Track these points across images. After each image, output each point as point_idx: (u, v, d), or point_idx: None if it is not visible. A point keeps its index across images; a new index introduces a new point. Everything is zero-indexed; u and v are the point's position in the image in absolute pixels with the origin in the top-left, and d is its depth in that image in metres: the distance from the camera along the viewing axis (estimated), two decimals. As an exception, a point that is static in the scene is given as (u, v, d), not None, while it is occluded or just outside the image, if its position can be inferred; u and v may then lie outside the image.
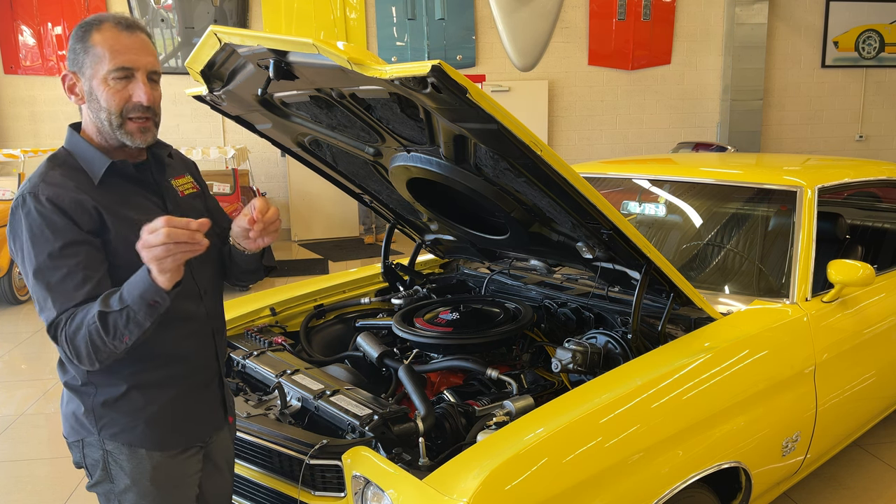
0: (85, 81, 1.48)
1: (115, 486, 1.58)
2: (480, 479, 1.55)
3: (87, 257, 1.43)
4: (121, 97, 1.48)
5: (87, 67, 1.47)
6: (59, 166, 1.50)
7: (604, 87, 10.30)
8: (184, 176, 1.71)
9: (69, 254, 1.41)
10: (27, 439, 3.78)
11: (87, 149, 1.52)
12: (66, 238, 1.41)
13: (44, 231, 1.41)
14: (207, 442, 1.73)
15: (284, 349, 2.55)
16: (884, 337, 2.79)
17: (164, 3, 9.15)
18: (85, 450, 1.58)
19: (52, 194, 1.43)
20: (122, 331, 1.37)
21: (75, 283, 1.41)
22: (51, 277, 1.41)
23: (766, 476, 2.29)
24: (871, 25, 10.71)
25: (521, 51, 7.44)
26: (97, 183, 1.49)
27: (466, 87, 1.60)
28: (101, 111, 1.49)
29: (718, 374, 2.09)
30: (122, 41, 1.47)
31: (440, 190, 2.45)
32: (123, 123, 1.50)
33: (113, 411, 1.55)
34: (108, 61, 1.46)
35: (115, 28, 1.47)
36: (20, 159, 7.29)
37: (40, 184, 1.45)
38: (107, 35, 1.46)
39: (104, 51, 1.46)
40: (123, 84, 1.48)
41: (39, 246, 1.41)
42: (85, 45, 1.46)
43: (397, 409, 1.94)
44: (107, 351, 1.39)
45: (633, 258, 2.17)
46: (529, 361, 2.53)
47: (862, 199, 3.97)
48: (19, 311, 6.55)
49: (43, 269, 1.41)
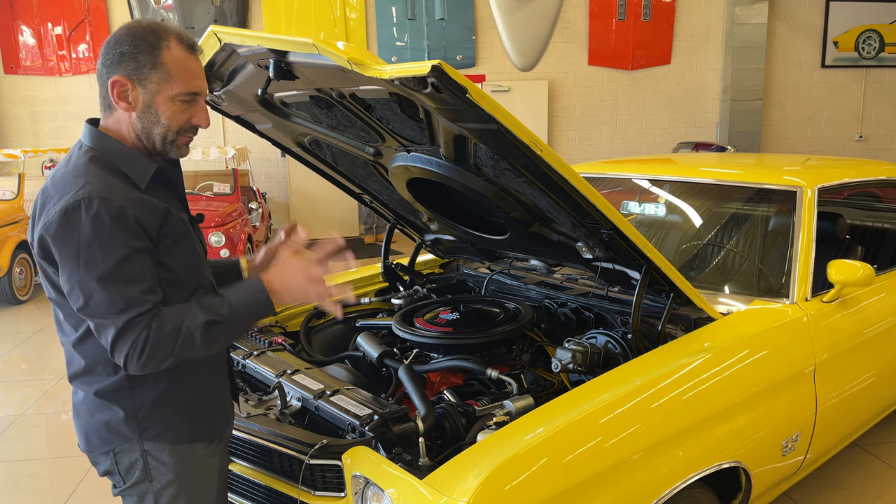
0: (145, 94, 1.46)
1: (154, 484, 1.57)
2: (480, 479, 1.55)
3: (150, 265, 1.45)
4: (184, 118, 1.51)
5: (151, 82, 1.46)
6: (106, 169, 1.46)
7: (604, 87, 10.30)
8: None
9: (139, 261, 1.42)
10: (27, 439, 3.78)
11: (126, 151, 1.51)
12: (135, 245, 1.41)
13: (114, 237, 1.39)
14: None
15: (284, 349, 2.55)
16: (884, 337, 2.79)
17: (164, 3, 9.15)
18: (117, 457, 1.56)
19: (124, 200, 1.41)
20: (220, 339, 1.47)
21: (143, 288, 1.41)
22: (122, 284, 1.39)
23: (766, 476, 2.29)
24: (871, 25, 10.72)
25: (521, 51, 7.44)
26: (143, 186, 1.49)
27: (466, 87, 1.60)
28: (158, 125, 1.49)
29: (718, 374, 2.09)
30: (192, 66, 1.49)
31: (440, 190, 2.45)
32: (176, 139, 1.52)
33: (157, 410, 1.54)
34: (181, 84, 1.47)
35: (184, 49, 1.48)
36: (20, 159, 7.29)
37: (107, 188, 1.41)
38: (178, 56, 1.47)
39: (177, 72, 1.46)
40: (187, 106, 1.50)
41: (108, 251, 1.38)
42: (154, 59, 1.45)
43: (397, 409, 1.94)
44: (185, 356, 1.44)
45: (633, 258, 2.17)
46: (529, 361, 2.53)
47: (862, 199, 3.98)
48: (19, 311, 6.55)
49: (114, 275, 1.39)
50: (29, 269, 6.99)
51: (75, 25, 9.17)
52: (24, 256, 6.87)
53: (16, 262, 6.68)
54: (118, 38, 1.46)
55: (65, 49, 9.20)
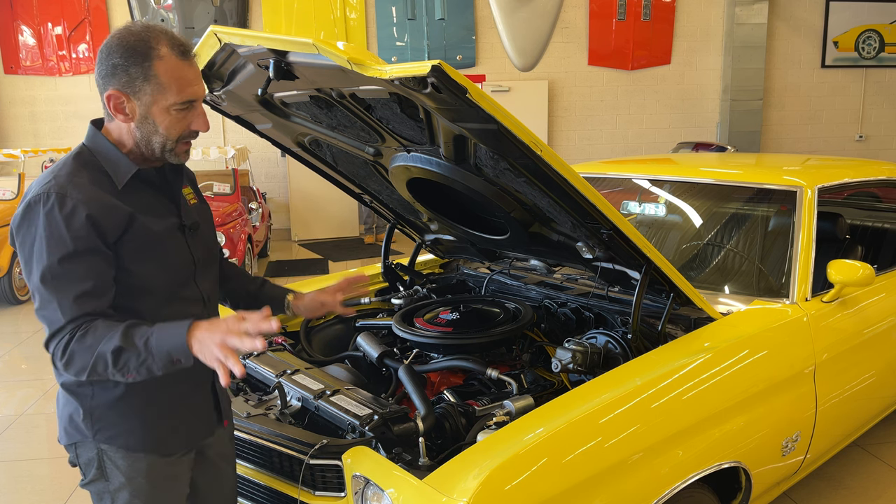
0: (140, 106, 1.45)
1: (110, 483, 1.58)
2: (480, 479, 1.55)
3: (98, 267, 1.42)
4: (181, 126, 1.49)
5: (145, 94, 1.43)
6: (85, 167, 1.47)
7: (604, 87, 10.30)
8: (186, 186, 1.70)
9: (83, 261, 1.40)
10: (27, 439, 3.78)
11: (112, 151, 1.50)
12: (82, 245, 1.40)
13: (62, 234, 1.38)
14: (201, 444, 1.73)
15: (284, 349, 2.55)
16: (884, 337, 2.79)
17: (164, 3, 9.16)
18: (78, 450, 1.58)
19: (82, 198, 1.40)
20: (131, 369, 1.38)
21: (83, 290, 1.40)
22: (60, 282, 1.39)
23: (766, 476, 2.29)
24: (871, 25, 10.72)
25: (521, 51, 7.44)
26: (120, 187, 1.48)
27: (466, 87, 1.60)
28: (156, 135, 1.48)
29: (718, 374, 2.09)
30: (185, 73, 1.45)
31: (440, 190, 2.45)
32: (175, 147, 1.51)
33: (111, 413, 1.54)
34: (175, 94, 1.44)
35: (176, 57, 1.44)
36: (20, 159, 7.29)
37: (68, 185, 1.41)
38: (170, 65, 1.43)
39: (169, 82, 1.43)
40: (185, 113, 1.48)
41: (53, 248, 1.39)
42: (145, 71, 1.42)
43: (397, 409, 1.94)
44: (102, 376, 1.40)
45: (633, 258, 2.17)
46: (529, 361, 2.53)
47: (862, 199, 3.98)
48: (19, 311, 6.55)
49: (53, 272, 1.39)
50: (29, 269, 6.99)
51: (75, 25, 9.17)
52: (24, 256, 6.87)
53: (16, 263, 6.69)
54: (110, 49, 1.43)
55: (65, 49, 9.20)
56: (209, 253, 1.70)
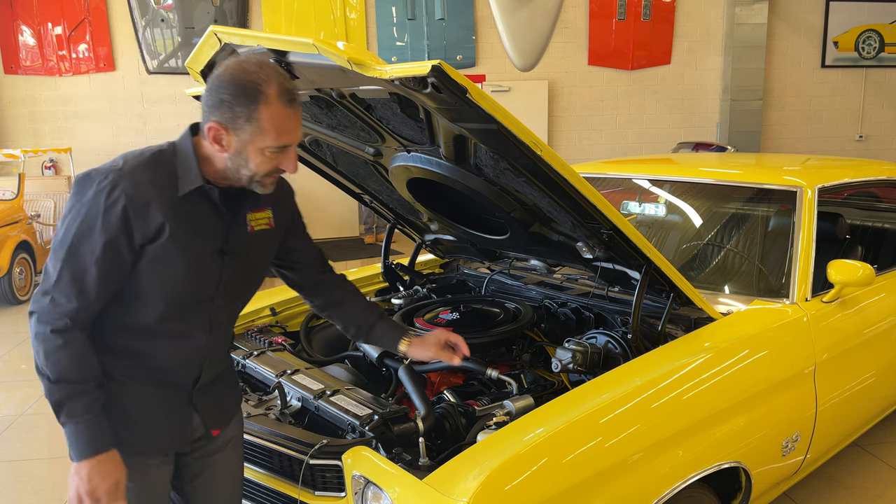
0: (237, 142, 1.48)
1: None
2: (480, 479, 1.55)
3: (112, 263, 1.46)
4: (271, 165, 1.51)
5: (244, 133, 1.46)
6: (157, 165, 1.50)
7: (604, 87, 10.30)
8: (263, 210, 1.68)
9: (96, 247, 1.44)
10: (27, 439, 3.78)
11: (190, 160, 1.52)
12: (106, 236, 1.44)
13: (96, 218, 1.43)
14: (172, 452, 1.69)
15: (284, 349, 2.55)
16: (884, 337, 2.79)
17: (164, 3, 9.15)
18: None
19: (129, 193, 1.44)
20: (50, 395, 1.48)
21: (89, 278, 1.44)
22: (70, 256, 1.44)
23: (766, 476, 2.29)
24: (871, 25, 10.71)
25: (521, 51, 7.44)
26: (180, 195, 1.51)
27: (466, 87, 1.60)
28: (246, 169, 1.51)
29: (718, 374, 2.09)
30: (287, 121, 1.48)
31: (440, 190, 2.45)
32: (262, 180, 1.54)
33: None
34: (272, 139, 1.47)
35: (282, 104, 1.46)
36: (20, 159, 7.29)
37: (126, 176, 1.45)
38: (274, 112, 1.45)
39: (270, 128, 1.46)
40: (277, 155, 1.51)
41: (82, 225, 1.44)
42: (249, 113, 1.44)
43: (397, 409, 1.94)
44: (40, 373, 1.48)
45: (633, 258, 2.17)
46: (529, 361, 2.53)
47: (862, 199, 3.97)
48: (19, 311, 6.55)
49: (70, 244, 1.44)
50: (29, 269, 6.99)
51: (75, 25, 9.16)
52: (24, 256, 6.87)
53: (16, 262, 6.69)
54: (221, 82, 1.45)
55: (65, 49, 9.19)
56: (244, 282, 1.69)
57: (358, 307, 1.97)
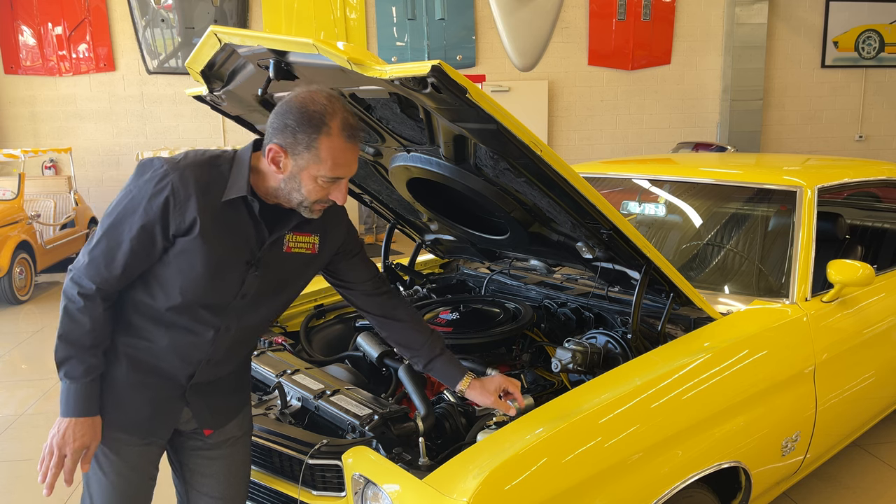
0: (294, 166, 1.53)
1: None
2: (480, 479, 1.55)
3: (144, 245, 1.53)
4: (322, 193, 1.56)
5: (302, 159, 1.51)
6: (212, 168, 1.57)
7: (604, 87, 10.30)
8: (308, 235, 1.71)
9: (133, 228, 1.52)
10: (27, 439, 3.78)
11: (243, 172, 1.57)
12: (145, 219, 1.51)
13: (142, 201, 1.51)
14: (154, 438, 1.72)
15: (284, 349, 2.55)
16: (884, 337, 2.79)
17: (164, 3, 9.15)
18: None
19: (176, 186, 1.51)
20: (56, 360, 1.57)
21: (121, 253, 1.53)
22: (112, 232, 1.53)
23: (766, 476, 2.29)
24: (871, 25, 10.71)
25: (521, 51, 7.45)
26: (223, 200, 1.56)
27: (466, 87, 1.60)
28: (297, 193, 1.56)
29: (718, 374, 2.09)
30: (344, 155, 1.53)
31: (440, 190, 2.45)
32: (311, 206, 1.58)
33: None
34: (327, 170, 1.52)
35: (343, 138, 1.51)
36: (20, 159, 7.29)
37: (179, 172, 1.52)
38: (334, 144, 1.51)
39: (327, 158, 1.51)
40: (329, 185, 1.56)
41: (129, 205, 1.53)
42: (310, 140, 1.50)
43: (397, 409, 1.94)
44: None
45: (633, 258, 2.17)
46: (529, 361, 2.53)
47: (862, 199, 3.98)
48: (19, 311, 6.55)
49: (115, 221, 1.53)
50: (29, 269, 6.99)
51: (75, 25, 9.16)
52: (24, 256, 6.87)
53: (16, 262, 6.69)
54: (290, 108, 1.50)
55: (65, 49, 9.20)
56: (266, 297, 1.70)
57: (418, 336, 1.92)
